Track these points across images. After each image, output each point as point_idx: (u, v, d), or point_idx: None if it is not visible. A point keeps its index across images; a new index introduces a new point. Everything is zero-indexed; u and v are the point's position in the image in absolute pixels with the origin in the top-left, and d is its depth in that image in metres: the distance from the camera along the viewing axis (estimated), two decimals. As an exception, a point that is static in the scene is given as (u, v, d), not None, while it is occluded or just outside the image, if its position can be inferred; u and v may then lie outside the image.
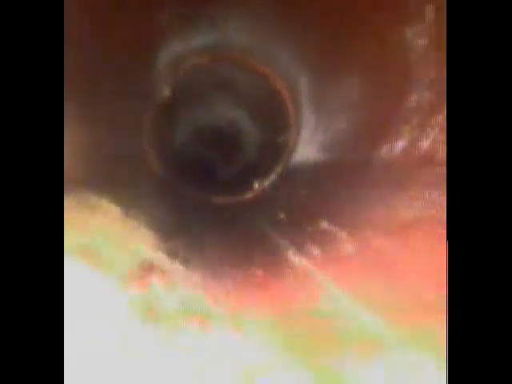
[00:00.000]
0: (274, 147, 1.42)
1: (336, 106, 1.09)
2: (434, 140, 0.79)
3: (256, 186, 1.46)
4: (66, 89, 0.54)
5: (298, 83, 1.29)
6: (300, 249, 0.81)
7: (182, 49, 1.29)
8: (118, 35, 1.04)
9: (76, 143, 0.78)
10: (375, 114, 0.94)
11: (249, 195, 1.44)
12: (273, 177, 1.43)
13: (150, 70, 1.27)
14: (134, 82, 1.16)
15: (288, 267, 0.77)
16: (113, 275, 0.63)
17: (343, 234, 0.79)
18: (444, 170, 0.72)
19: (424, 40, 0.81)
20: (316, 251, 0.77)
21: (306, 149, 1.34)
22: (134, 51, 1.11)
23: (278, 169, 1.43)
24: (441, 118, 0.78)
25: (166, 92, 1.34)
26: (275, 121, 1.41)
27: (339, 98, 1.06)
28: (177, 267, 0.73)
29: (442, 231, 0.53)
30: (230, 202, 1.42)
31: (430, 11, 0.77)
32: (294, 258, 0.79)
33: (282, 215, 1.10)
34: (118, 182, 0.95)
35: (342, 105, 1.06)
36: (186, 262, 0.76)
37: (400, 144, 0.85)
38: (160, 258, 0.74)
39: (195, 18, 1.20)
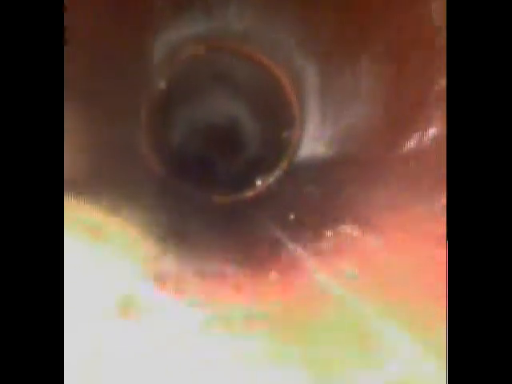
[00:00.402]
0: (278, 143, 1.35)
1: (352, 94, 1.01)
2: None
3: (259, 183, 1.40)
4: (66, 88, 0.52)
5: (303, 72, 1.22)
6: (324, 262, 0.71)
7: (176, 38, 1.21)
8: (114, 32, 0.96)
9: (76, 143, 0.75)
10: (400, 101, 0.86)
11: (251, 193, 1.37)
12: (277, 173, 1.37)
13: (146, 63, 1.19)
14: (131, 78, 1.09)
15: (312, 290, 0.65)
16: (112, 276, 0.61)
17: (377, 241, 0.70)
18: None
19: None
20: (347, 265, 0.66)
21: (315, 143, 1.27)
22: (131, 46, 1.02)
23: (283, 165, 1.36)
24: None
25: (161, 85, 1.26)
26: (278, 115, 1.34)
27: (356, 84, 0.98)
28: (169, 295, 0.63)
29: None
30: (232, 200, 1.35)
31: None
32: (318, 275, 0.67)
33: (291, 216, 1.02)
34: (116, 182, 0.90)
35: (359, 91, 0.98)
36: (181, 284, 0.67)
37: (432, 132, 0.77)
38: (155, 279, 0.64)
39: (188, 4, 1.12)
